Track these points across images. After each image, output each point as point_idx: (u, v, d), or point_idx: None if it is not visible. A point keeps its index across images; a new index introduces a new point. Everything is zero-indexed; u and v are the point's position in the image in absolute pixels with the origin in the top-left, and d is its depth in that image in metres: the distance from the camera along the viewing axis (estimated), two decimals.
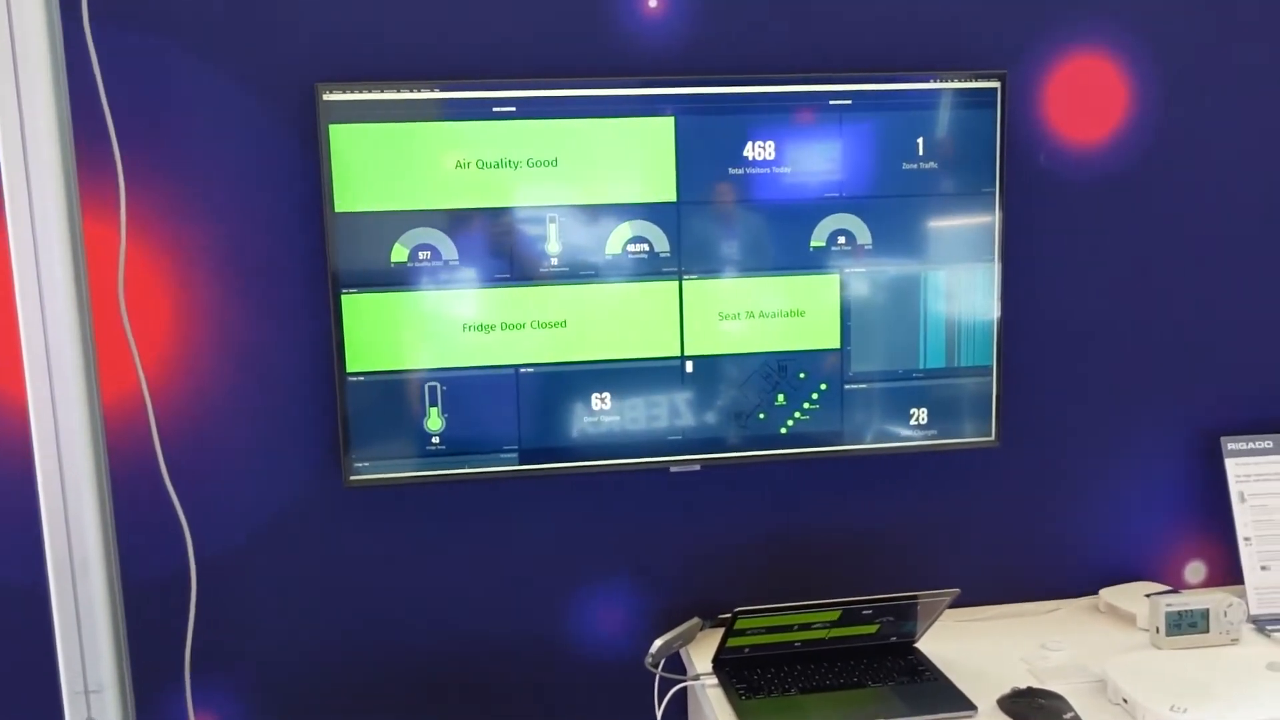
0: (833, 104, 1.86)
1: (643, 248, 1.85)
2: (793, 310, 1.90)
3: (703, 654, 1.87)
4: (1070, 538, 2.12)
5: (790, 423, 1.93)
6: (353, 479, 1.82)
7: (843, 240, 1.89)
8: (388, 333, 1.80)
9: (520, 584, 1.97)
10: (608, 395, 1.87)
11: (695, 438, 1.91)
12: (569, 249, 1.83)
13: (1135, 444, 2.12)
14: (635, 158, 1.82)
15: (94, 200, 1.72)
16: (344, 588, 1.92)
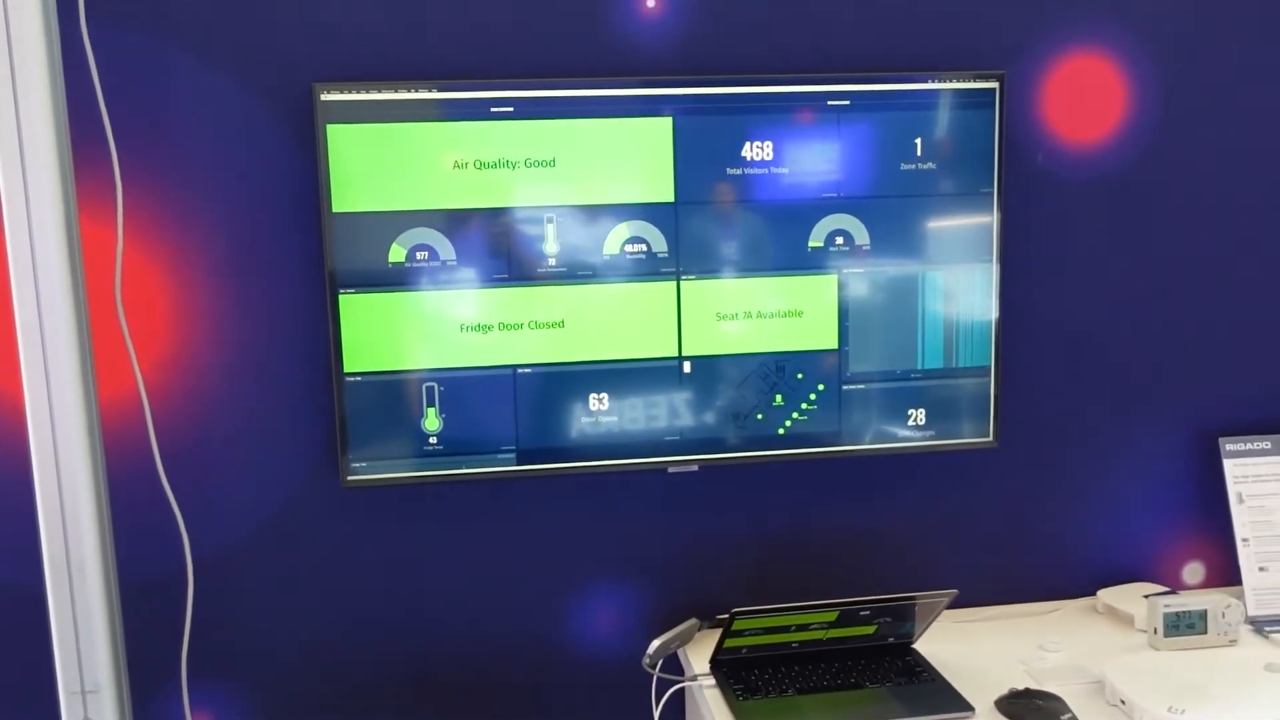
0: (831, 104, 1.86)
1: (640, 248, 1.85)
2: (791, 311, 1.90)
3: (700, 654, 1.87)
4: (1068, 538, 2.12)
5: (788, 423, 1.93)
6: (350, 479, 1.82)
7: (841, 241, 1.89)
8: (385, 333, 1.80)
9: (518, 584, 1.97)
10: (605, 396, 1.87)
11: (693, 438, 1.91)
12: (567, 249, 1.83)
13: (1133, 444, 2.12)
14: (633, 158, 1.82)
15: (91, 200, 1.72)
16: (341, 588, 1.92)
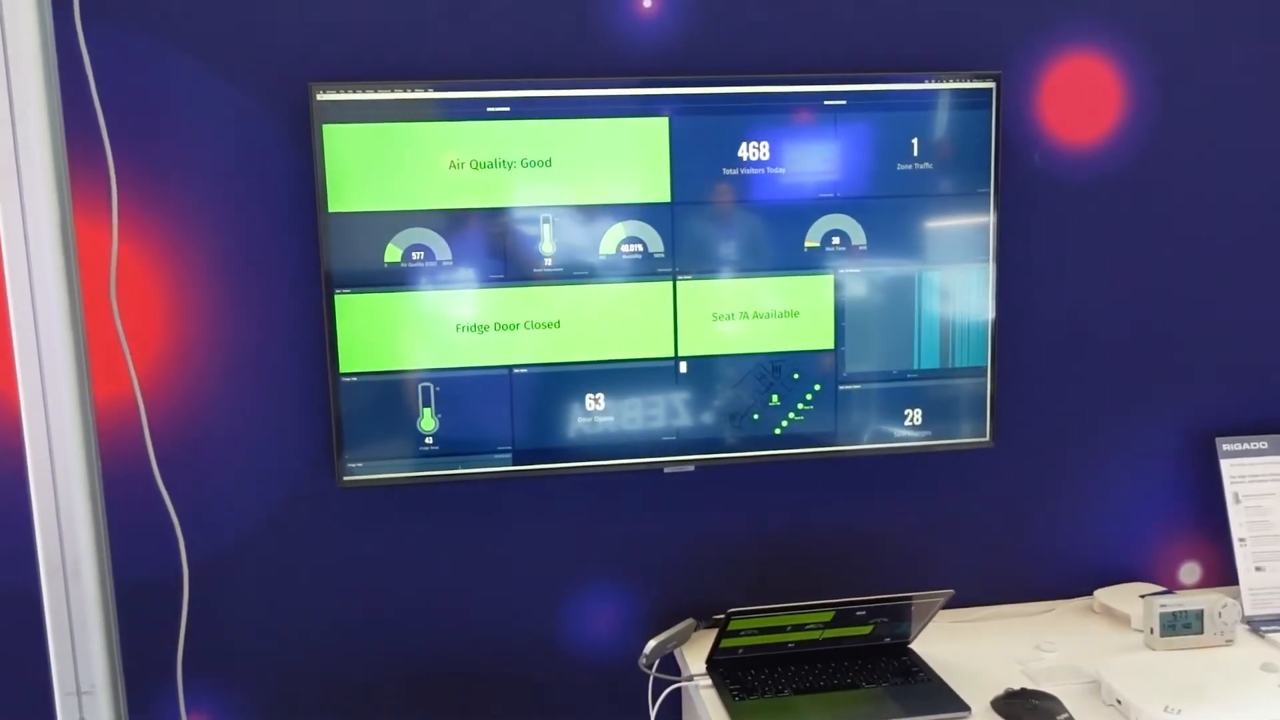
0: (827, 104, 1.86)
1: (637, 248, 1.84)
2: (787, 311, 1.89)
3: (697, 655, 1.87)
4: (1065, 538, 2.12)
5: (784, 423, 1.93)
6: (346, 479, 1.82)
7: (837, 241, 1.89)
8: (381, 333, 1.79)
9: (514, 585, 1.97)
10: (602, 396, 1.87)
11: (689, 438, 1.90)
12: (563, 249, 1.83)
13: (1130, 444, 2.12)
14: (629, 158, 1.82)
15: (86, 200, 1.71)
16: (337, 588, 1.92)
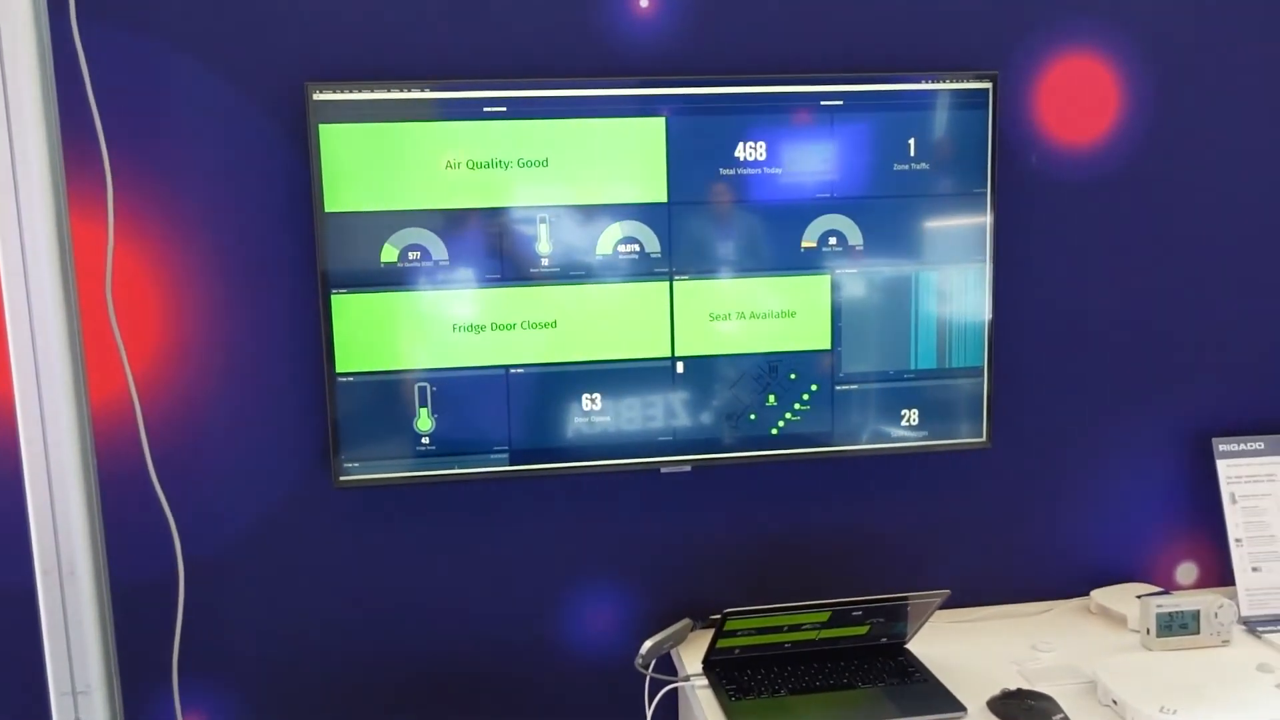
0: (824, 104, 1.86)
1: (633, 248, 1.84)
2: (784, 311, 1.89)
3: (693, 655, 1.87)
4: (1062, 539, 2.12)
5: (781, 424, 1.92)
6: (342, 480, 1.82)
7: (834, 241, 1.89)
8: (378, 333, 1.79)
9: (510, 585, 1.97)
10: (598, 396, 1.87)
11: (686, 438, 1.90)
12: (560, 249, 1.82)
13: (1127, 445, 2.12)
14: (626, 158, 1.82)
15: (82, 199, 1.71)
16: (333, 589, 1.91)
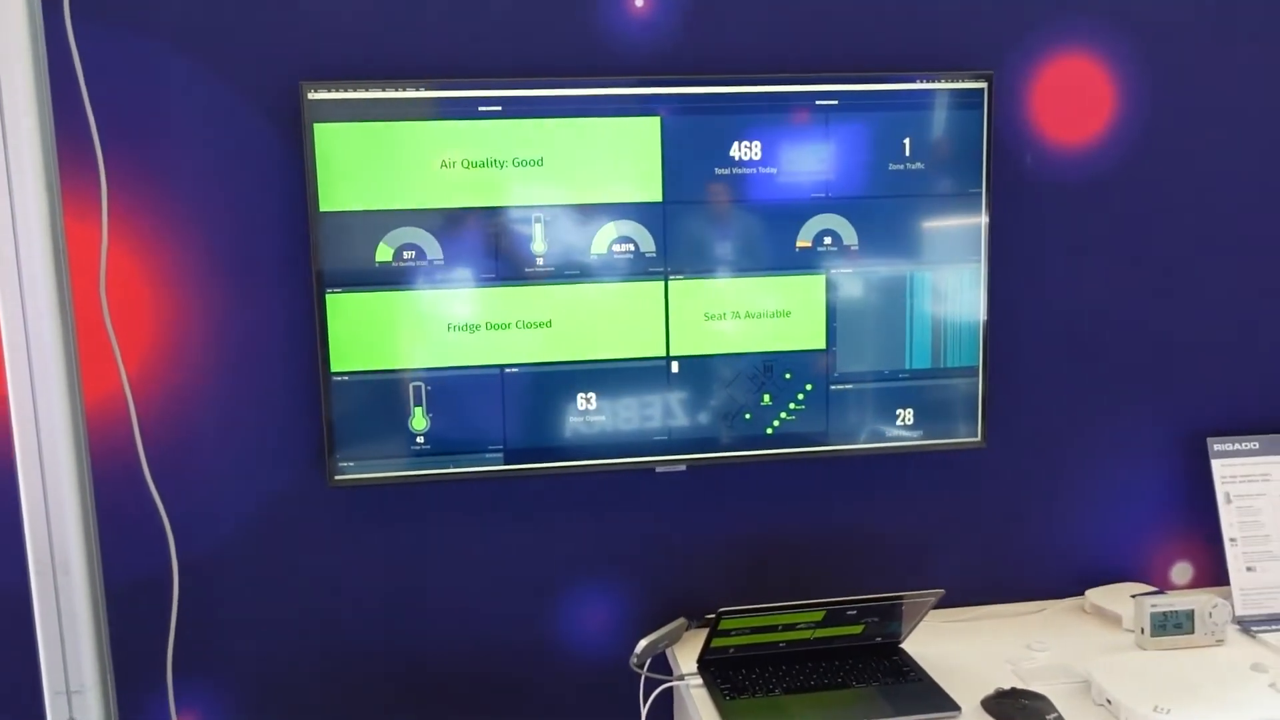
0: (819, 104, 1.86)
1: (628, 248, 1.84)
2: (779, 311, 1.89)
3: (688, 654, 1.87)
4: (1056, 538, 2.13)
5: (776, 423, 1.93)
6: (337, 479, 1.82)
7: (829, 241, 1.89)
8: (372, 332, 1.79)
9: (505, 584, 1.97)
10: (593, 395, 1.87)
11: (681, 438, 1.90)
12: (555, 249, 1.82)
13: (1122, 445, 2.12)
14: (621, 158, 1.82)
15: (76, 198, 1.71)
16: (328, 588, 1.91)
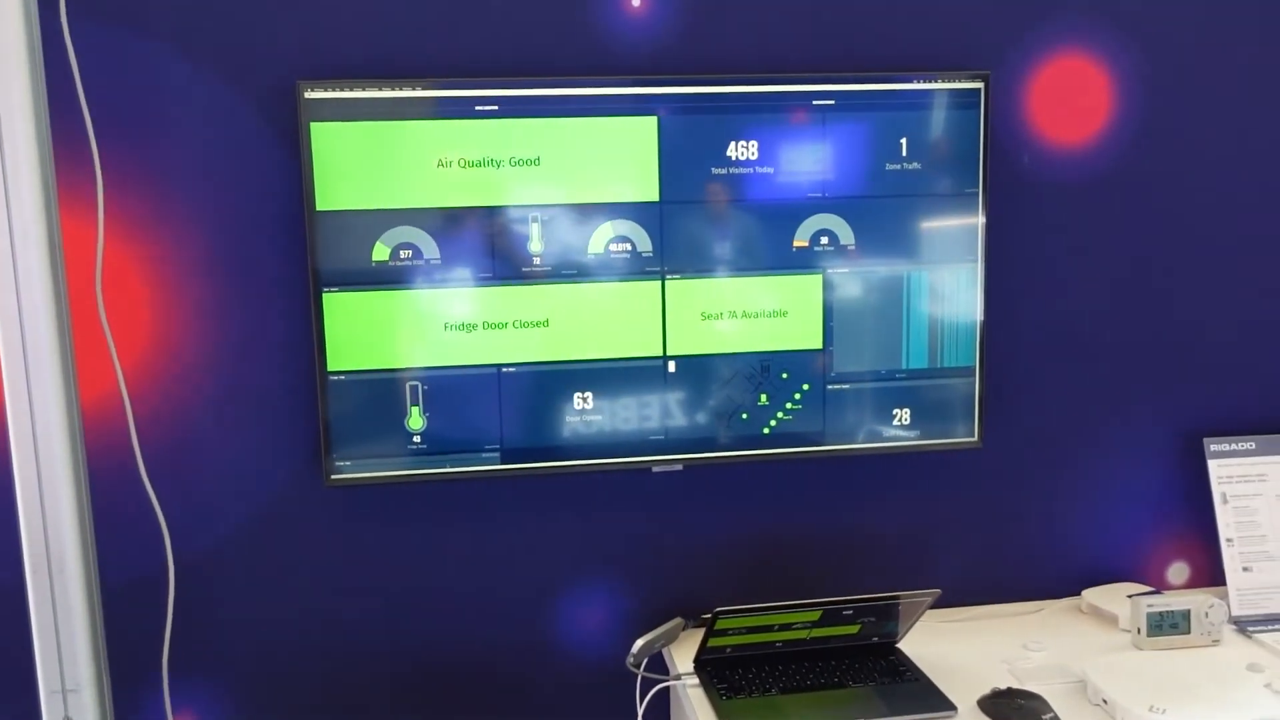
0: (816, 104, 1.86)
1: (625, 247, 1.84)
2: (775, 310, 1.89)
3: (684, 654, 1.87)
4: (1053, 538, 2.13)
5: (773, 423, 1.93)
6: (334, 478, 1.82)
7: (826, 240, 1.89)
8: (369, 332, 1.79)
9: (502, 584, 1.97)
10: (590, 395, 1.87)
11: (678, 438, 1.90)
12: (551, 248, 1.82)
13: (1118, 445, 2.12)
14: (618, 157, 1.82)
15: (72, 197, 1.71)
16: (324, 587, 1.91)
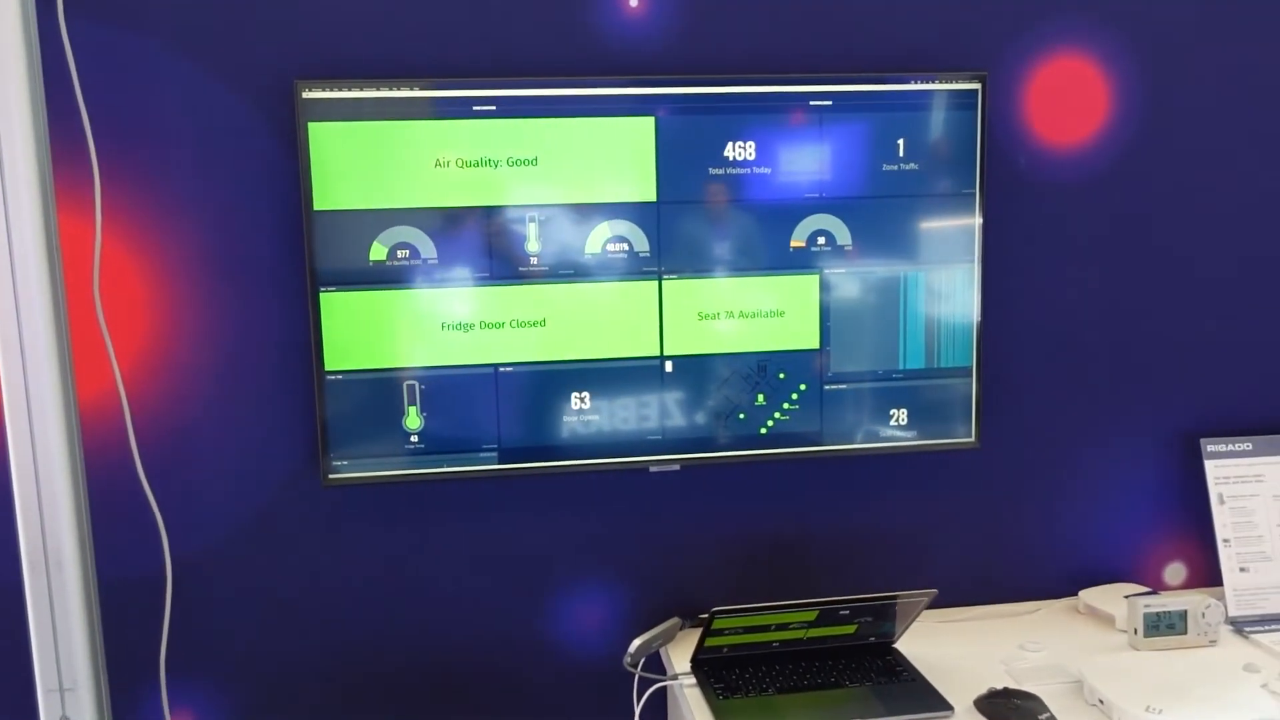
0: (813, 105, 1.86)
1: (622, 247, 1.84)
2: (773, 310, 1.90)
3: (682, 654, 1.87)
4: (1050, 539, 2.13)
5: (770, 423, 1.93)
6: (331, 478, 1.82)
7: (823, 241, 1.89)
8: (367, 331, 1.79)
9: (499, 583, 1.97)
10: (587, 395, 1.87)
11: (675, 438, 1.90)
12: (549, 248, 1.83)
13: (1115, 445, 2.12)
14: (615, 157, 1.82)
15: (70, 197, 1.71)
16: (322, 587, 1.91)
